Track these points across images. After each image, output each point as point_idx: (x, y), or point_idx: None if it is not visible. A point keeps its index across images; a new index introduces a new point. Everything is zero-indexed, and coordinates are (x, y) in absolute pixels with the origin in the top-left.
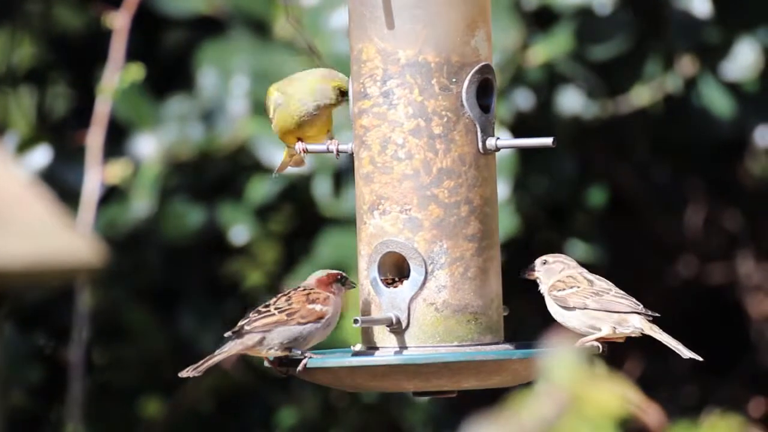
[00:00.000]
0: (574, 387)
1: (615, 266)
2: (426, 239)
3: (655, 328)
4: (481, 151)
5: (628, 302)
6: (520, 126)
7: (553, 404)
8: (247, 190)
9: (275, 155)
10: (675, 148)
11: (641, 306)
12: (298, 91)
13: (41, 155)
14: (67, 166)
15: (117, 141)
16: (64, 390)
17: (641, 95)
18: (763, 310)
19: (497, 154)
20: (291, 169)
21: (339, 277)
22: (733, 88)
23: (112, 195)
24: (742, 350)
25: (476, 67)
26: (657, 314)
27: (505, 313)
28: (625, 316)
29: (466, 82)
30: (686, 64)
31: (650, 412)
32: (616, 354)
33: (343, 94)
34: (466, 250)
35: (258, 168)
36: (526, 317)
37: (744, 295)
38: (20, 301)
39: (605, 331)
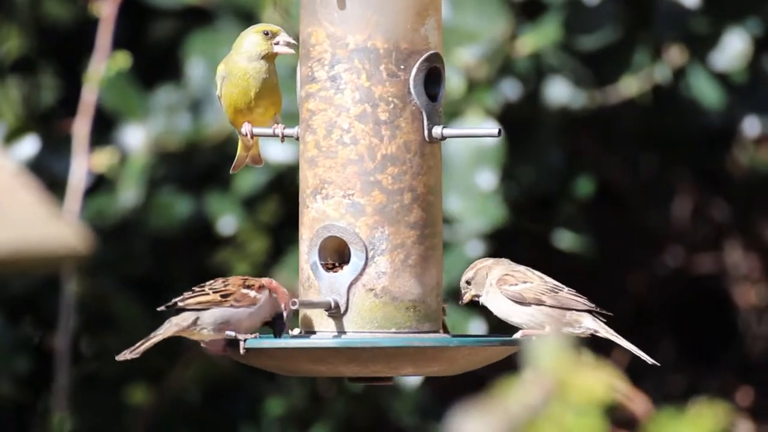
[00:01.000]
0: (560, 375)
1: (602, 256)
2: (368, 225)
3: (609, 329)
4: (426, 139)
5: (582, 300)
6: (507, 116)
7: (540, 392)
8: (234, 181)
9: (262, 146)
10: (663, 138)
11: (594, 305)
12: (234, 54)
13: (29, 145)
14: (54, 155)
15: (105, 131)
16: (51, 379)
17: (629, 85)
18: (751, 299)
19: (484, 144)
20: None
21: (294, 301)
22: (722, 79)
23: (100, 185)
24: (729, 340)
25: (425, 55)
26: (610, 314)
27: (445, 305)
28: (577, 316)
29: (414, 70)
30: (675, 55)
31: (637, 401)
32: (603, 343)
33: (269, 35)
34: (407, 238)
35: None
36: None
37: (732, 285)
38: (7, 290)
39: (548, 331)
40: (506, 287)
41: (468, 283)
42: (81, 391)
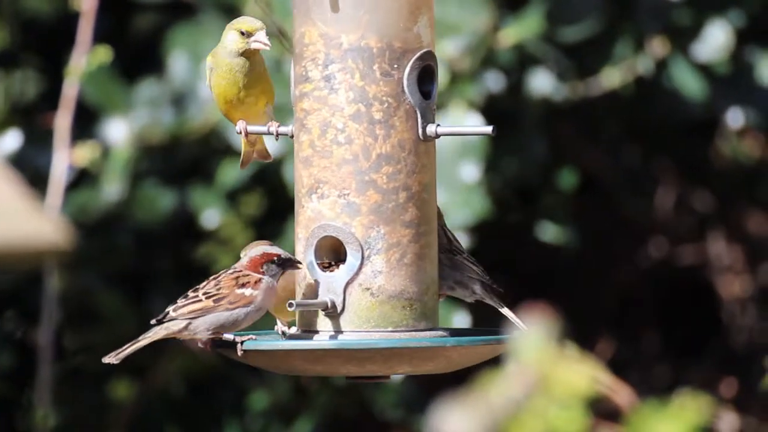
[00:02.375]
0: (543, 367)
1: (585, 248)
2: (363, 224)
3: (495, 299)
4: (421, 137)
5: (477, 268)
6: (490, 108)
7: (522, 385)
8: (218, 174)
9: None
10: (646, 129)
11: (488, 277)
12: (219, 47)
13: (11, 139)
14: (36, 150)
15: (87, 125)
16: (34, 374)
17: (612, 77)
18: (734, 290)
19: (468, 137)
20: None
21: (275, 258)
22: (704, 70)
23: (82, 179)
24: (713, 331)
25: (418, 54)
26: (501, 290)
27: (441, 300)
28: (467, 281)
29: (408, 69)
30: (657, 46)
31: (621, 393)
32: (588, 335)
33: (245, 34)
34: (403, 236)
35: (229, 152)
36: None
37: (715, 276)
38: None
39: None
40: None
41: None
42: (64, 385)
